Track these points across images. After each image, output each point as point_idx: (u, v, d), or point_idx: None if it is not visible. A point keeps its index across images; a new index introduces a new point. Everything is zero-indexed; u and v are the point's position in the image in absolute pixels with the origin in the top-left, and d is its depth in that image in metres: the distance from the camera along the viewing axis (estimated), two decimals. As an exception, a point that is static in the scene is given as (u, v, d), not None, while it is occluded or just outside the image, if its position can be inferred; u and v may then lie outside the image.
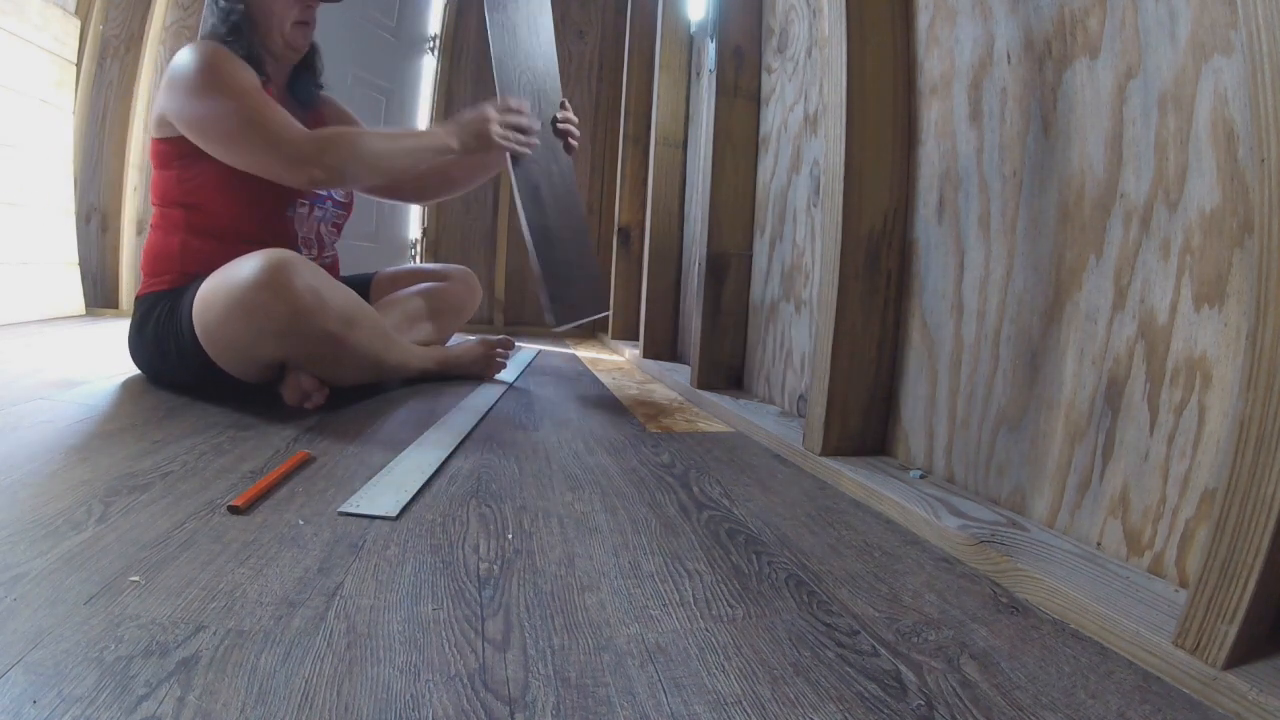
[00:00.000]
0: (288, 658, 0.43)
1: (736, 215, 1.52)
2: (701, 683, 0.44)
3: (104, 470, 0.76)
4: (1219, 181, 0.55)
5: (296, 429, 1.00)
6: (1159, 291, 0.60)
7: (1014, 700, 0.44)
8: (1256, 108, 0.43)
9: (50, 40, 2.16)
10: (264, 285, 1.02)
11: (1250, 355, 0.43)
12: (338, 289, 1.13)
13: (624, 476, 0.89)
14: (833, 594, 0.58)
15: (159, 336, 1.18)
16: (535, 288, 3.14)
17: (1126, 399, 0.63)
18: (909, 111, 0.95)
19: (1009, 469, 0.77)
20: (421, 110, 2.97)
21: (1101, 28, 0.66)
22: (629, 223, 2.48)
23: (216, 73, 1.14)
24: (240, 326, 1.05)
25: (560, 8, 3.02)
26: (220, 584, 0.52)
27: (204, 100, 1.13)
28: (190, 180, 1.21)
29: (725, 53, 1.50)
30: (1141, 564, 0.60)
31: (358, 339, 1.15)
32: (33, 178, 2.12)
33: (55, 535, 0.58)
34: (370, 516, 0.68)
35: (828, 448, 0.96)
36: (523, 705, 0.40)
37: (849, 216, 0.93)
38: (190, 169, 1.21)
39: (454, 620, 0.50)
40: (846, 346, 0.95)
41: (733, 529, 0.72)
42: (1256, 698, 0.42)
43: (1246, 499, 0.43)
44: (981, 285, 0.82)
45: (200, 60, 1.14)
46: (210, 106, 1.13)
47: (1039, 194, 0.74)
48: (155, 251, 1.25)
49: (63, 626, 0.44)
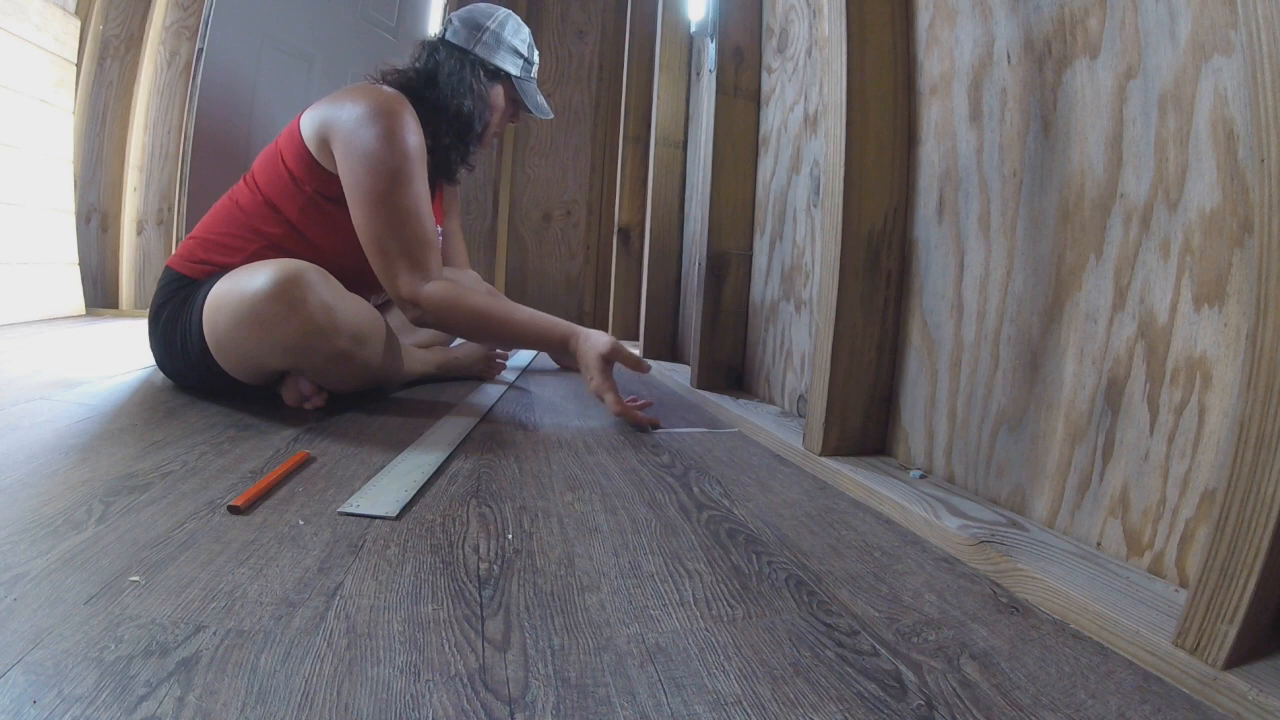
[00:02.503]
0: (288, 658, 0.43)
1: (736, 215, 1.52)
2: (701, 683, 0.44)
3: (104, 470, 0.76)
4: (1219, 181, 0.55)
5: (296, 429, 1.00)
6: (1159, 291, 0.60)
7: (1014, 700, 0.44)
8: (1256, 108, 0.43)
9: (50, 40, 2.16)
10: (277, 298, 1.01)
11: (1250, 355, 0.43)
12: (350, 303, 1.11)
13: (624, 476, 0.89)
14: (833, 594, 0.58)
15: (169, 326, 1.16)
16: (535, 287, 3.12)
17: (1126, 399, 0.63)
18: (909, 111, 0.95)
19: (1009, 469, 0.77)
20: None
21: (1101, 28, 0.66)
22: (629, 223, 2.48)
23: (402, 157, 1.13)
24: (249, 336, 1.03)
25: (560, 8, 3.03)
26: (220, 584, 0.52)
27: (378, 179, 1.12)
28: (317, 214, 1.19)
29: (725, 53, 1.50)
30: (1141, 564, 0.60)
31: (366, 356, 1.14)
32: (33, 178, 2.12)
33: (55, 535, 0.58)
34: (370, 516, 0.68)
35: (828, 448, 0.96)
36: (523, 705, 0.40)
37: (849, 216, 0.93)
38: (324, 205, 1.19)
39: (454, 620, 0.50)
40: (846, 346, 0.95)
41: (733, 529, 0.72)
42: (1256, 698, 0.42)
43: (1246, 499, 0.43)
44: (981, 285, 0.82)
45: (392, 132, 1.13)
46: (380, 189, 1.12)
47: (1039, 194, 0.74)
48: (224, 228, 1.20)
49: (63, 626, 0.44)
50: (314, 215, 1.19)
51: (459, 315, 1.15)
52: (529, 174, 3.06)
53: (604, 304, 2.92)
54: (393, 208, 1.12)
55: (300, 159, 1.18)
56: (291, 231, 1.19)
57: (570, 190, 3.09)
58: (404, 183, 1.13)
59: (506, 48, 1.36)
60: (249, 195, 1.22)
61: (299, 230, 1.19)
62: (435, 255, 1.17)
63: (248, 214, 1.20)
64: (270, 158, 1.23)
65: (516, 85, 1.39)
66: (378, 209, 1.12)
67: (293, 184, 1.19)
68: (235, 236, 1.18)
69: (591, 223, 3.10)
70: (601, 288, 3.04)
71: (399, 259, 1.13)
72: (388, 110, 1.15)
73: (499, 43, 1.35)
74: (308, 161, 1.18)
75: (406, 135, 1.15)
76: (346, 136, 1.13)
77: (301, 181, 1.18)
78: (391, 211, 1.12)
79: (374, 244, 1.13)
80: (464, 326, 1.18)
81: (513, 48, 1.37)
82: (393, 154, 1.12)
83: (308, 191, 1.18)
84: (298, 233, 1.19)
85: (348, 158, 1.13)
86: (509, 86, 1.39)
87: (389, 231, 1.12)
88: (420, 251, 1.14)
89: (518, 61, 1.38)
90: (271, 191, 1.19)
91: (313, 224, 1.19)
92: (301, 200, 1.18)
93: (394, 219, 1.12)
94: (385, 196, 1.12)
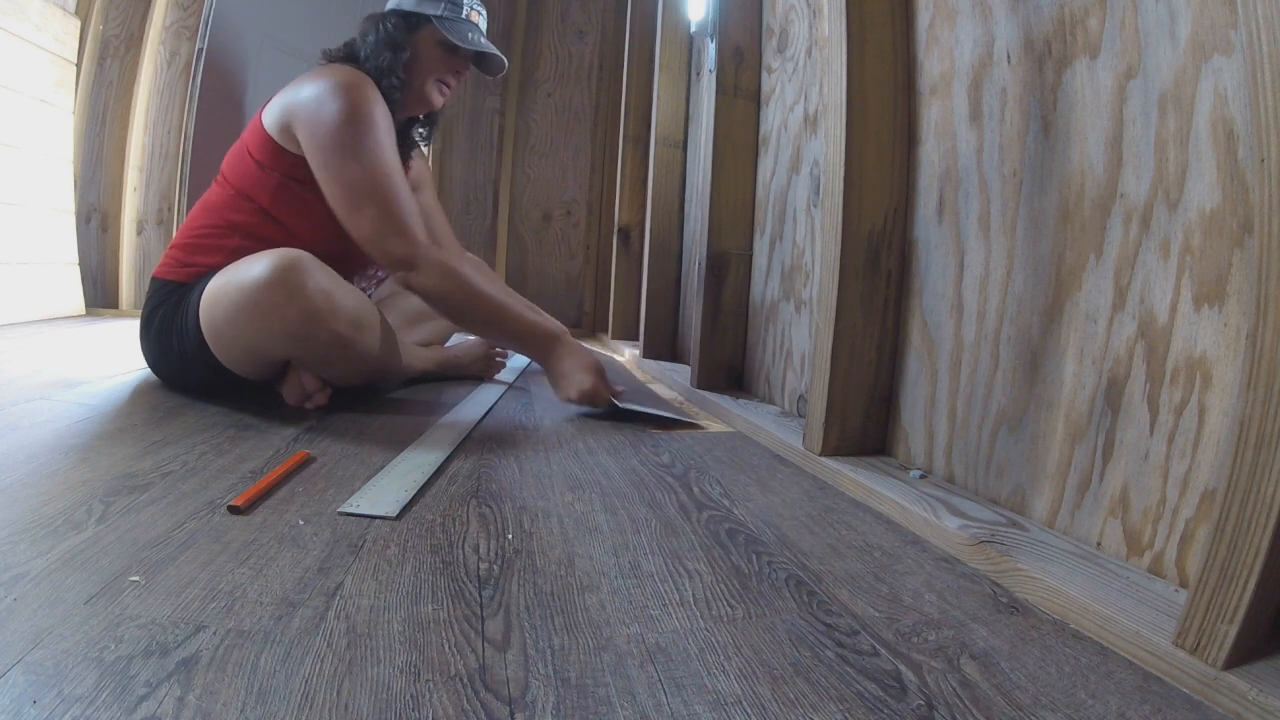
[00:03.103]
0: (288, 658, 0.43)
1: (736, 215, 1.52)
2: (701, 683, 0.44)
3: (104, 470, 0.76)
4: (1219, 181, 0.55)
5: (296, 429, 1.00)
6: (1159, 291, 0.60)
7: (1014, 700, 0.44)
8: (1256, 108, 0.43)
9: (50, 40, 2.16)
10: (276, 285, 1.01)
11: (1250, 355, 0.43)
12: (348, 291, 1.11)
13: (624, 476, 0.89)
14: (833, 594, 0.58)
15: (164, 332, 1.16)
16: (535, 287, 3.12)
17: (1126, 399, 0.63)
18: (909, 111, 0.95)
19: (1009, 469, 0.77)
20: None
21: (1101, 28, 0.66)
22: (629, 223, 2.48)
23: (367, 125, 1.12)
24: (249, 325, 1.03)
25: (560, 8, 3.03)
26: (220, 584, 0.52)
27: (345, 149, 1.11)
28: (289, 199, 1.19)
29: (725, 53, 1.50)
30: (1141, 564, 0.60)
31: (366, 342, 1.14)
32: (33, 178, 2.12)
33: (55, 535, 0.58)
34: (370, 516, 0.68)
35: (828, 448, 0.96)
36: (523, 705, 0.40)
37: (849, 216, 0.93)
38: (295, 189, 1.18)
39: (454, 620, 0.50)
40: (846, 346, 0.95)
41: (733, 529, 0.72)
42: (1256, 698, 0.42)
43: (1246, 499, 0.43)
44: (981, 285, 0.82)
45: (354, 104, 1.12)
46: (350, 159, 1.11)
47: (1039, 194, 0.74)
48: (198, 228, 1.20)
49: (63, 626, 0.44)
50: (285, 200, 1.19)
51: (454, 284, 1.14)
52: (529, 174, 3.06)
53: (604, 304, 2.92)
54: (365, 176, 1.11)
55: (264, 147, 1.18)
56: (265, 218, 1.19)
57: (570, 190, 3.09)
58: (373, 150, 1.12)
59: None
60: (219, 192, 1.22)
61: (272, 216, 1.19)
62: (419, 222, 1.16)
63: (218, 208, 1.20)
64: (237, 154, 1.23)
65: (440, 25, 1.27)
66: (351, 180, 1.11)
67: (260, 172, 1.19)
68: (210, 233, 1.18)
69: (591, 223, 3.10)
70: (601, 288, 3.04)
71: (383, 222, 1.11)
72: (346, 84, 1.14)
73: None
74: (272, 147, 1.18)
75: (367, 106, 1.14)
76: (309, 116, 1.13)
77: (268, 168, 1.18)
78: (365, 180, 1.11)
79: (354, 215, 1.12)
80: (456, 299, 1.16)
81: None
82: (356, 123, 1.12)
83: (276, 177, 1.18)
84: (271, 218, 1.19)
85: (314, 136, 1.12)
86: (432, 30, 1.28)
87: (368, 199, 1.11)
88: (404, 215, 1.13)
89: (438, 4, 1.28)
90: (242, 184, 1.20)
91: (285, 208, 1.19)
92: (271, 185, 1.18)
93: (370, 185, 1.11)
94: (356, 167, 1.11)
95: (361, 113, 1.13)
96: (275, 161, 1.18)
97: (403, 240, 1.12)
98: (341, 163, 1.11)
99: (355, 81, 1.15)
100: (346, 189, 1.11)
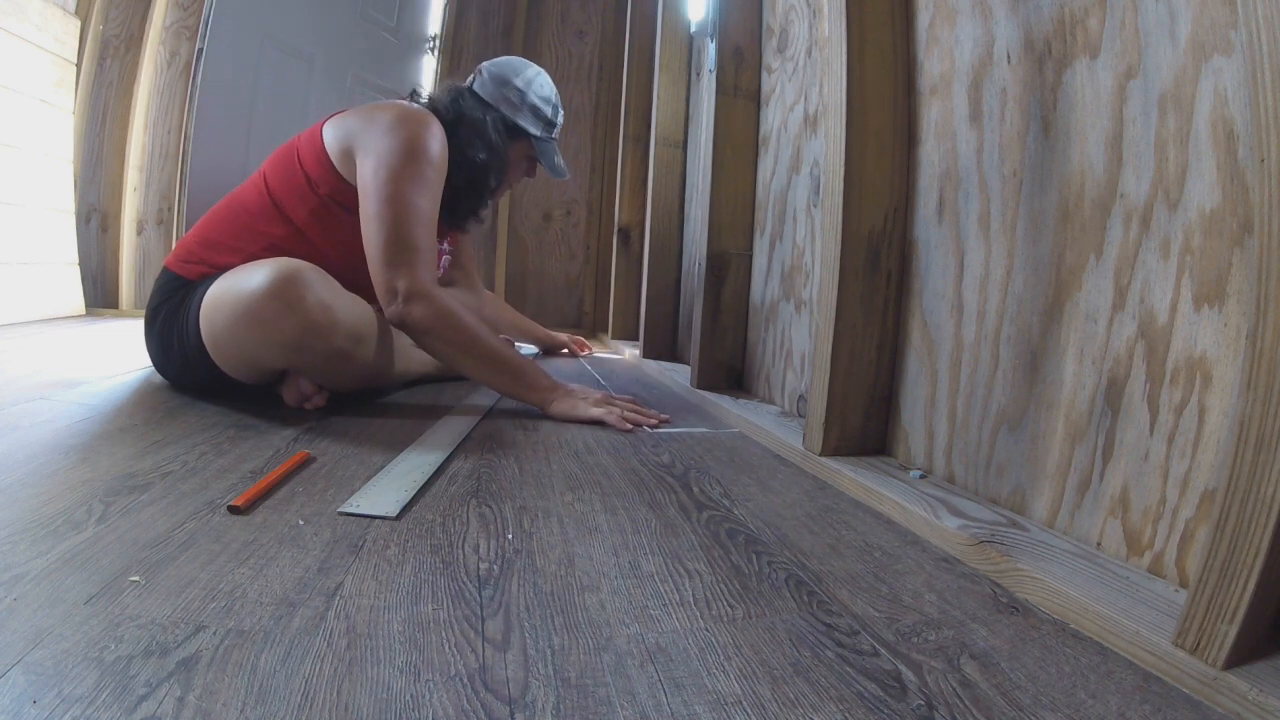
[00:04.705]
0: (288, 658, 0.43)
1: (736, 215, 1.52)
2: (701, 683, 0.44)
3: (104, 470, 0.76)
4: (1219, 181, 0.55)
5: (296, 429, 1.00)
6: (1159, 291, 0.60)
7: (1014, 700, 0.44)
8: (1256, 108, 0.43)
9: (50, 40, 2.16)
10: (275, 295, 1.00)
11: (1250, 355, 0.43)
12: (348, 303, 1.11)
13: (624, 476, 0.89)
14: (833, 594, 0.58)
15: (166, 332, 1.16)
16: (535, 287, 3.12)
17: (1126, 399, 0.63)
18: (909, 111, 0.95)
19: (1009, 469, 0.77)
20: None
21: (1101, 28, 0.66)
22: (629, 223, 2.48)
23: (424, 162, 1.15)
24: (247, 335, 1.03)
25: (560, 8, 3.03)
26: (220, 584, 0.52)
27: (396, 171, 1.12)
28: (326, 219, 1.19)
29: (725, 53, 1.50)
30: (1141, 564, 0.60)
31: (365, 355, 1.13)
32: (33, 178, 2.12)
33: (55, 535, 0.58)
34: (370, 516, 0.68)
35: (828, 448, 0.96)
36: (523, 705, 0.40)
37: (849, 216, 0.93)
38: (335, 211, 1.19)
39: (454, 620, 0.50)
40: (846, 346, 0.95)
41: (733, 529, 0.72)
42: (1256, 698, 0.42)
43: (1246, 499, 0.43)
44: (981, 285, 0.82)
45: (422, 140, 1.15)
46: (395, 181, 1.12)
47: (1039, 194, 0.74)
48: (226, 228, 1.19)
49: (63, 626, 0.44)
50: (323, 219, 1.19)
51: (443, 321, 1.11)
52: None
53: (604, 304, 2.92)
54: (401, 204, 1.12)
55: (319, 163, 1.19)
56: (295, 233, 1.19)
57: (570, 190, 3.09)
58: (418, 182, 1.14)
59: (530, 107, 1.40)
60: (256, 196, 1.21)
61: (303, 232, 1.19)
62: (431, 262, 1.15)
63: (251, 214, 1.19)
64: (286, 156, 1.23)
65: (535, 145, 1.42)
66: (387, 202, 1.11)
67: (307, 185, 1.19)
68: (236, 237, 1.18)
69: (591, 223, 3.10)
70: (601, 288, 3.03)
71: (393, 250, 1.11)
72: (417, 119, 1.18)
73: (523, 101, 1.39)
74: (326, 167, 1.18)
75: (430, 141, 1.17)
76: (371, 141, 1.15)
77: (316, 184, 1.18)
78: (399, 206, 1.12)
79: (374, 236, 1.12)
80: (442, 334, 1.13)
81: (536, 107, 1.40)
82: (413, 153, 1.14)
83: (321, 194, 1.18)
84: (301, 234, 1.19)
85: (369, 157, 1.14)
86: (528, 145, 1.42)
87: (392, 223, 1.11)
88: (415, 252, 1.12)
89: (539, 122, 1.42)
90: (282, 191, 1.19)
91: (320, 227, 1.19)
92: (314, 203, 1.19)
93: (399, 213, 1.12)
94: (396, 191, 1.12)
95: (421, 145, 1.16)
96: (325, 181, 1.18)
97: (401, 273, 1.10)
98: (385, 185, 1.12)
99: (425, 119, 1.19)
100: (377, 210, 1.12)
